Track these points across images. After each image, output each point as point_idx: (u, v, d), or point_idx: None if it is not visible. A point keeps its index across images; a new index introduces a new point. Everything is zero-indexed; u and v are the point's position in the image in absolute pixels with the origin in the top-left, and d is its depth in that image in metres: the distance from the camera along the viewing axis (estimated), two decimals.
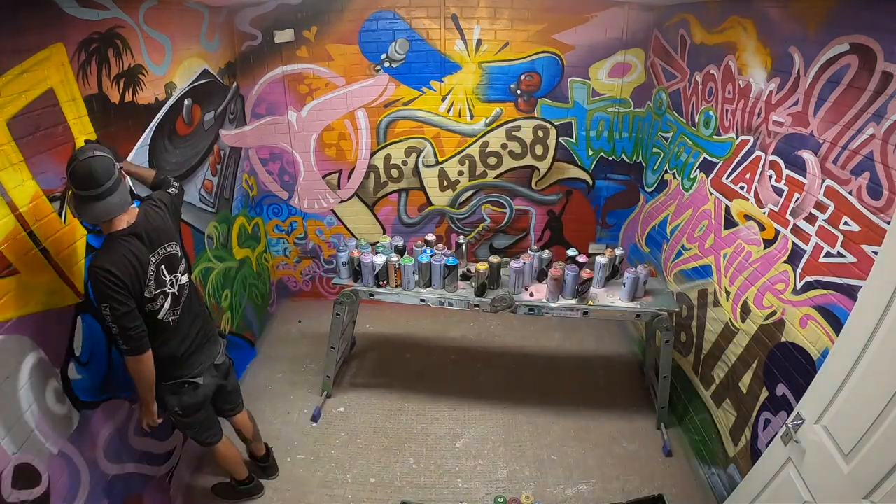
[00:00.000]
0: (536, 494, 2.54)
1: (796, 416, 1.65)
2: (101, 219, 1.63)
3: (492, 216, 3.96)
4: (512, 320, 3.95)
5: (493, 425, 2.99)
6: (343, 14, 3.24)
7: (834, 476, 1.45)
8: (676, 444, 2.85)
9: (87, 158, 1.53)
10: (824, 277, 1.80)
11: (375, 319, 3.97)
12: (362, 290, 2.82)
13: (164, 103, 2.39)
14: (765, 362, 2.12)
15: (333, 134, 3.60)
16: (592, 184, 3.82)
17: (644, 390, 3.26)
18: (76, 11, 1.77)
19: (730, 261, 2.44)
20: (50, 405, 1.63)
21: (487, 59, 3.38)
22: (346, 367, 3.47)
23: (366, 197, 3.86)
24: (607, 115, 3.56)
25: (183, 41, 2.57)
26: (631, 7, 3.24)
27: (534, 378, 3.39)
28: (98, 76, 1.91)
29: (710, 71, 2.64)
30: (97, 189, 1.55)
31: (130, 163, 2.06)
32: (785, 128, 2.05)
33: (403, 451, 2.82)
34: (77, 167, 1.52)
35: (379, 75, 3.42)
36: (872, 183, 1.60)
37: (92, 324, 1.86)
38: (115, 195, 1.60)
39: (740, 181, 2.38)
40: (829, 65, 1.79)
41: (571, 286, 2.64)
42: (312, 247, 4.06)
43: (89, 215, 1.60)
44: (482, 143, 3.65)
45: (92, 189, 1.54)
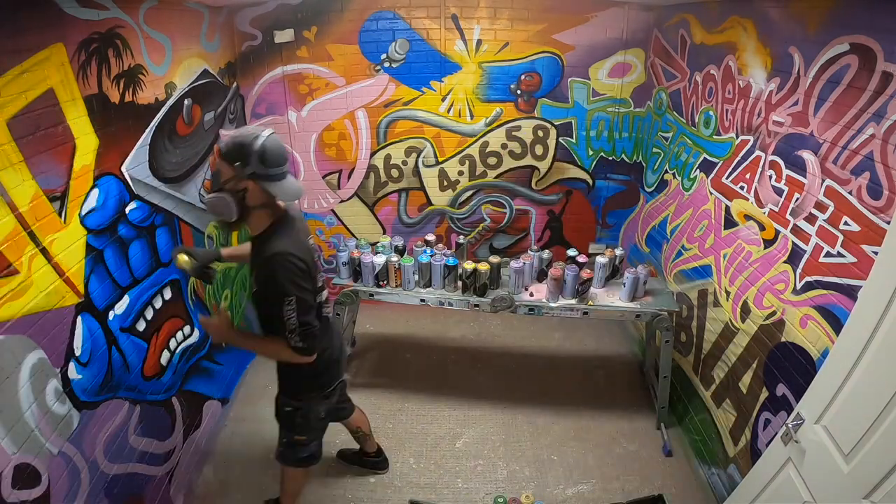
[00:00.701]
0: (536, 494, 2.54)
1: (796, 416, 1.65)
2: (298, 196, 1.57)
3: (492, 216, 3.96)
4: (512, 320, 3.95)
5: (493, 425, 2.99)
6: (343, 14, 3.24)
7: (834, 476, 1.45)
8: (676, 444, 2.85)
9: (272, 134, 1.48)
10: (824, 277, 1.80)
11: (375, 319, 3.97)
12: (362, 290, 2.82)
13: (164, 103, 2.39)
14: (765, 362, 2.12)
15: (333, 134, 3.60)
16: (592, 184, 3.82)
17: (644, 390, 3.26)
18: (76, 11, 1.77)
19: (730, 261, 2.44)
20: (50, 405, 1.63)
21: (487, 59, 3.38)
22: (346, 367, 3.47)
23: (366, 197, 3.86)
24: (607, 115, 3.56)
25: (183, 41, 2.57)
26: (631, 7, 3.24)
27: (534, 378, 3.39)
28: (98, 76, 1.91)
29: (710, 71, 2.65)
30: (286, 165, 1.51)
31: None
32: (785, 128, 2.05)
33: (403, 451, 2.82)
34: (267, 143, 1.45)
35: (379, 75, 3.42)
36: (872, 183, 1.60)
37: (92, 324, 1.86)
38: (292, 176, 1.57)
39: (740, 181, 2.38)
40: (829, 65, 1.79)
41: (571, 286, 2.65)
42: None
43: (291, 192, 1.53)
44: (482, 143, 3.65)
45: (282, 165, 1.50)
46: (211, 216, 2.94)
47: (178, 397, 2.49)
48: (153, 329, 2.27)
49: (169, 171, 2.46)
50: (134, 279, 2.14)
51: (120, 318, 2.03)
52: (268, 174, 1.48)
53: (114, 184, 2.01)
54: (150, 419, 2.22)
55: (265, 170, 1.47)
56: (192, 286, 2.68)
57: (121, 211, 2.06)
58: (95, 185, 1.89)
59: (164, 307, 2.37)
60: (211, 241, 2.94)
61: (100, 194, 1.92)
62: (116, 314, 2.00)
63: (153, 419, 2.26)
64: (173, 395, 2.45)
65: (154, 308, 2.29)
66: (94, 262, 1.88)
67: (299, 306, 1.50)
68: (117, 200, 2.03)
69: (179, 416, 2.49)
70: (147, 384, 2.21)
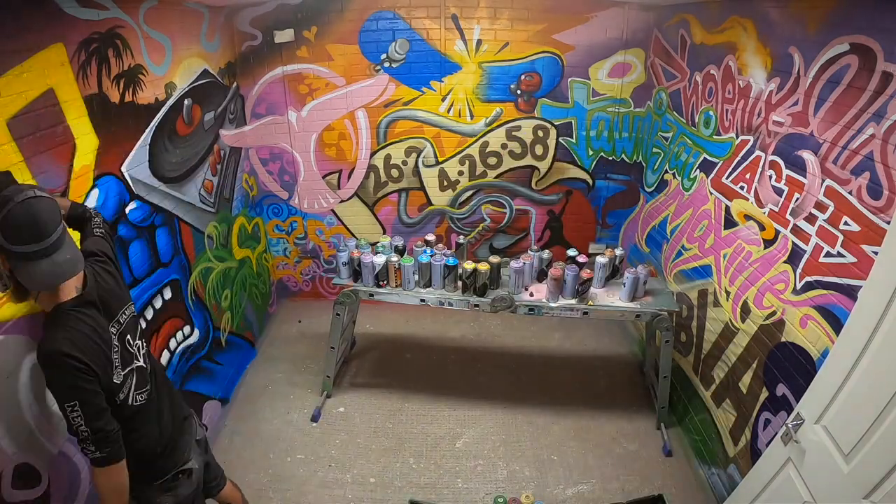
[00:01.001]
0: (536, 494, 2.54)
1: (796, 416, 1.65)
2: (52, 284, 1.23)
3: (492, 216, 3.96)
4: (512, 320, 3.95)
5: (493, 425, 2.99)
6: (343, 14, 3.24)
7: (834, 476, 1.45)
8: (676, 444, 2.85)
9: (28, 199, 1.15)
10: (824, 277, 1.80)
11: (375, 319, 3.97)
12: (362, 290, 2.82)
13: (164, 103, 2.39)
14: (765, 362, 2.12)
15: (333, 134, 3.60)
16: (592, 184, 3.82)
17: (644, 390, 3.26)
18: (76, 11, 1.77)
19: (730, 261, 2.44)
20: (50, 405, 1.63)
21: (487, 59, 3.38)
22: (346, 367, 3.47)
23: (366, 197, 3.86)
24: (607, 115, 3.56)
25: (183, 41, 2.57)
26: (631, 7, 3.24)
27: (534, 378, 3.39)
28: (98, 76, 1.91)
29: (710, 71, 2.64)
30: (44, 241, 1.16)
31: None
32: (785, 128, 2.05)
33: (403, 451, 2.82)
34: (14, 212, 1.12)
35: (379, 75, 3.42)
36: (872, 183, 1.60)
37: None
38: (63, 249, 1.22)
39: (740, 181, 2.38)
40: (829, 65, 1.79)
41: (571, 286, 2.64)
42: (312, 247, 4.06)
43: (38, 278, 1.19)
44: (482, 143, 3.65)
45: (37, 242, 1.15)
46: (211, 216, 2.94)
47: None
48: (153, 329, 2.28)
49: (169, 171, 2.46)
50: (134, 279, 2.14)
51: None
52: (17, 252, 1.16)
53: (114, 184, 2.01)
54: None
55: (13, 245, 1.15)
56: (192, 286, 2.68)
57: (121, 211, 2.06)
58: (95, 185, 1.89)
59: (165, 307, 2.37)
60: (211, 241, 2.95)
61: (100, 194, 1.92)
62: None
63: None
64: None
65: (154, 308, 2.29)
66: None
67: (85, 413, 1.22)
68: (117, 200, 2.03)
69: None
70: None
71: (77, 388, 1.21)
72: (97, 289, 1.35)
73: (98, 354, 1.28)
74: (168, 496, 1.58)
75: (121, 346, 1.38)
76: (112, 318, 1.38)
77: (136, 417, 1.43)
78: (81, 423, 1.22)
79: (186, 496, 1.64)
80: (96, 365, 1.26)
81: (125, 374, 1.37)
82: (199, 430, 1.79)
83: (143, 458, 1.48)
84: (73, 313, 1.26)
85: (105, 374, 1.29)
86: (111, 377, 1.32)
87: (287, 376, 3.40)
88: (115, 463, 1.32)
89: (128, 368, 1.39)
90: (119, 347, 1.37)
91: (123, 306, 1.45)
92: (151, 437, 1.50)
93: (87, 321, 1.28)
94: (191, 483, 1.64)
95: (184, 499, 1.63)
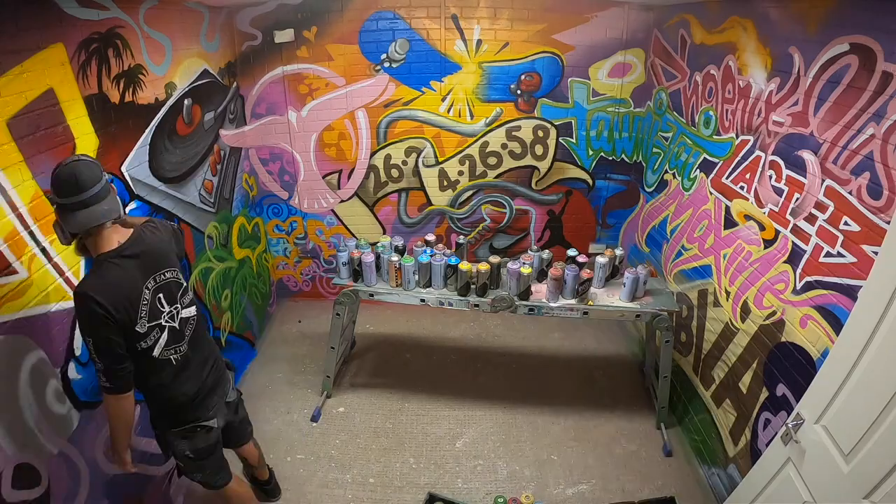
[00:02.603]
0: (536, 494, 2.54)
1: (796, 416, 1.65)
2: (87, 226, 1.41)
3: (492, 216, 3.96)
4: (512, 320, 3.95)
5: (493, 425, 2.99)
6: (343, 14, 3.24)
7: (834, 476, 1.45)
8: (676, 444, 2.85)
9: (71, 162, 1.38)
10: (824, 277, 1.80)
11: (375, 319, 3.97)
12: (362, 290, 2.82)
13: (164, 103, 2.39)
14: (765, 362, 2.12)
15: (333, 134, 3.60)
16: (592, 184, 3.82)
17: (644, 390, 3.26)
18: (76, 11, 1.78)
19: (730, 261, 2.44)
20: (50, 405, 1.63)
21: (487, 59, 3.38)
22: (346, 367, 3.47)
23: (366, 197, 3.86)
24: (607, 115, 3.56)
25: (183, 41, 2.57)
26: (631, 7, 3.24)
27: (534, 378, 3.39)
28: (98, 76, 1.91)
29: (710, 71, 2.64)
30: (82, 194, 1.37)
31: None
32: (785, 128, 2.05)
33: (403, 451, 2.82)
34: (60, 171, 1.37)
35: (379, 75, 3.42)
36: (872, 183, 1.60)
37: None
38: (102, 203, 1.42)
39: (740, 181, 2.38)
40: (829, 65, 1.79)
41: (571, 286, 2.64)
42: (312, 247, 4.06)
43: (75, 224, 1.39)
44: (482, 143, 3.65)
45: (76, 195, 1.36)
46: (211, 216, 2.94)
47: None
48: None
49: (169, 171, 2.46)
50: None
51: None
52: (61, 204, 1.38)
53: (114, 184, 2.01)
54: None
55: (59, 198, 1.38)
56: (192, 286, 2.68)
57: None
58: None
59: None
60: (211, 241, 2.95)
61: None
62: None
63: None
64: None
65: None
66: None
67: (97, 350, 1.42)
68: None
69: None
70: None
71: (93, 327, 1.40)
72: (140, 244, 1.53)
73: (123, 302, 1.44)
74: (184, 442, 1.75)
75: (151, 300, 1.53)
76: (150, 274, 1.54)
77: (164, 370, 1.61)
78: (95, 357, 1.42)
79: (203, 449, 1.80)
80: (117, 311, 1.42)
81: (151, 326, 1.52)
82: (231, 393, 1.97)
83: (167, 407, 1.67)
84: (109, 262, 1.45)
85: (128, 321, 1.45)
86: (134, 325, 1.48)
87: (287, 376, 3.40)
88: (121, 394, 1.50)
89: (154, 322, 1.54)
90: (149, 301, 1.52)
91: (165, 268, 1.60)
92: (178, 391, 1.67)
93: (119, 271, 1.46)
94: (208, 438, 1.80)
95: (200, 450, 1.79)
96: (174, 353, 1.63)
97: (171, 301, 1.62)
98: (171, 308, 1.62)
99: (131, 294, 1.48)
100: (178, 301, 1.65)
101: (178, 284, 1.67)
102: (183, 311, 1.68)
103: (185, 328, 1.68)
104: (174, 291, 1.64)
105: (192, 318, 1.72)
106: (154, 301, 1.55)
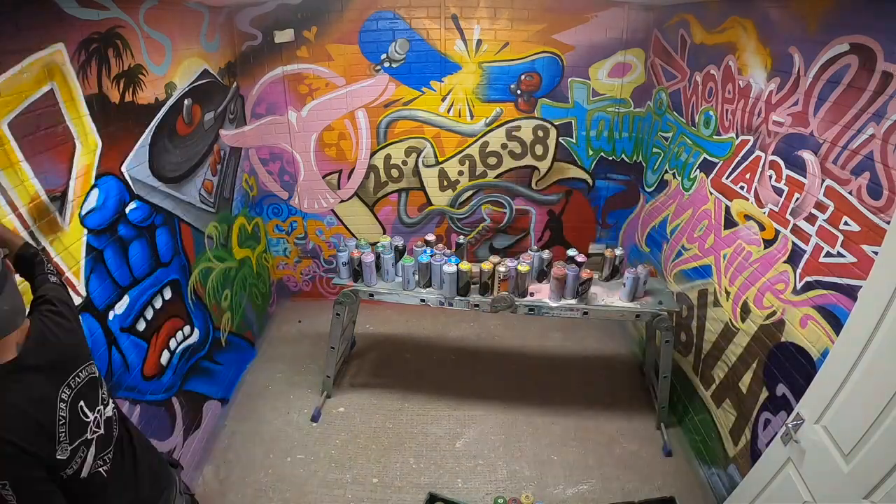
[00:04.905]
0: (536, 494, 2.54)
1: (796, 416, 1.65)
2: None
3: (492, 216, 3.96)
4: (512, 320, 3.95)
5: (493, 425, 2.99)
6: (343, 14, 3.24)
7: (834, 476, 1.45)
8: (676, 444, 2.85)
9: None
10: (824, 277, 1.80)
11: (375, 319, 3.97)
12: (362, 290, 2.82)
13: (164, 103, 2.39)
14: (765, 362, 2.12)
15: (333, 134, 3.60)
16: (592, 184, 3.82)
17: (644, 390, 3.26)
18: (76, 11, 1.77)
19: (730, 261, 2.44)
20: None
21: (487, 59, 3.38)
22: (346, 367, 3.47)
23: (366, 197, 3.86)
24: (607, 115, 3.56)
25: (183, 41, 2.57)
26: (631, 7, 3.24)
27: (534, 378, 3.39)
28: (98, 76, 1.91)
29: (710, 71, 2.64)
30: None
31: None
32: (785, 128, 2.05)
33: (403, 451, 2.82)
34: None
35: (379, 75, 3.42)
36: (872, 183, 1.60)
37: (92, 324, 1.86)
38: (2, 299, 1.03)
39: (740, 181, 2.38)
40: (829, 65, 1.79)
41: (572, 286, 2.65)
42: (312, 247, 4.06)
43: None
44: (482, 143, 3.65)
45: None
46: (211, 216, 2.94)
47: (178, 397, 2.49)
48: (153, 329, 2.28)
49: (169, 170, 2.46)
50: (134, 279, 2.14)
51: (120, 318, 2.03)
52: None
53: (114, 184, 2.01)
54: (149, 419, 2.22)
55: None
56: (192, 286, 2.68)
57: (121, 211, 2.06)
58: (95, 184, 1.89)
59: (164, 307, 2.37)
60: (211, 241, 2.95)
61: (100, 194, 1.92)
62: (116, 314, 2.00)
63: (153, 419, 2.25)
64: (173, 395, 2.45)
65: (154, 308, 2.29)
66: (93, 262, 1.88)
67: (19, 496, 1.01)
68: (117, 200, 2.03)
69: (179, 416, 2.49)
70: (147, 384, 2.21)
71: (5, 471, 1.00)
72: (43, 348, 1.11)
73: (35, 432, 1.05)
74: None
75: (69, 416, 1.12)
76: (63, 380, 1.14)
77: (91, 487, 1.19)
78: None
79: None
80: (31, 444, 1.03)
81: (74, 447, 1.13)
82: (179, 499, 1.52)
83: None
84: (6, 382, 1.03)
85: (46, 452, 1.07)
86: (54, 454, 1.08)
87: (287, 376, 3.40)
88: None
89: (78, 441, 1.14)
90: (66, 419, 1.11)
91: (79, 366, 1.19)
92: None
93: (23, 391, 1.05)
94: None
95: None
96: (103, 463, 1.22)
97: (93, 405, 1.21)
98: (94, 414, 1.21)
99: (44, 417, 1.07)
100: (100, 401, 1.24)
101: (96, 380, 1.25)
102: (106, 410, 1.27)
103: (111, 430, 1.28)
104: (95, 390, 1.24)
105: (114, 413, 1.32)
106: (74, 414, 1.14)
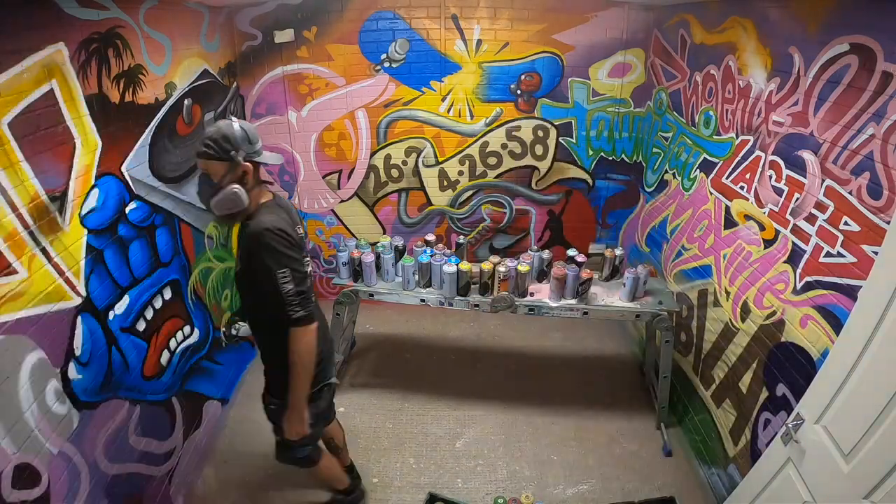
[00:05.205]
0: (536, 494, 2.54)
1: (796, 416, 1.65)
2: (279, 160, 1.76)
3: (492, 216, 3.96)
4: (512, 320, 3.95)
5: (493, 425, 2.99)
6: (343, 14, 3.24)
7: (834, 476, 1.45)
8: (676, 444, 2.85)
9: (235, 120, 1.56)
10: (824, 277, 1.80)
11: (375, 319, 3.97)
12: (362, 290, 2.82)
13: (164, 103, 2.39)
14: (765, 362, 2.12)
15: (333, 134, 3.60)
16: (592, 184, 3.82)
17: (644, 390, 3.26)
18: (76, 11, 1.77)
19: (730, 261, 2.44)
20: (50, 405, 1.63)
21: (487, 59, 3.38)
22: (346, 367, 3.47)
23: (366, 197, 3.86)
24: (607, 115, 3.56)
25: (183, 41, 2.57)
26: (631, 7, 3.24)
27: (534, 378, 3.39)
28: (98, 76, 1.91)
29: (710, 71, 2.65)
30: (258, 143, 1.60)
31: None
32: (785, 128, 2.05)
33: (403, 451, 2.82)
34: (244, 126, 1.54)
35: (379, 75, 3.42)
36: (872, 183, 1.60)
37: (92, 324, 1.85)
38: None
39: (740, 181, 2.38)
40: (829, 65, 1.79)
41: (572, 286, 2.65)
42: (312, 247, 4.06)
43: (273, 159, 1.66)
44: (482, 143, 3.65)
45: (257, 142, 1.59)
46: (211, 216, 2.94)
47: (178, 397, 2.49)
48: (153, 329, 2.27)
49: (169, 170, 2.46)
50: (134, 279, 2.14)
51: (120, 318, 2.03)
52: (255, 150, 1.59)
53: (114, 184, 2.01)
54: (150, 419, 2.22)
55: (253, 147, 1.58)
56: (193, 286, 2.68)
57: (121, 211, 2.05)
58: (95, 185, 1.89)
59: (164, 307, 2.37)
60: (211, 241, 2.94)
61: (100, 194, 1.91)
62: (116, 314, 2.00)
63: (153, 419, 2.26)
64: (173, 396, 2.45)
65: (154, 308, 2.29)
66: (94, 262, 1.88)
67: (294, 276, 1.54)
68: (117, 200, 2.03)
69: (179, 416, 2.49)
70: (147, 384, 2.22)
71: (290, 257, 1.53)
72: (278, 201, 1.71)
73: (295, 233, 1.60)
74: (311, 406, 1.77)
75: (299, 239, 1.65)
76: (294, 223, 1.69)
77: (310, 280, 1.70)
78: (291, 287, 1.53)
79: (322, 411, 1.87)
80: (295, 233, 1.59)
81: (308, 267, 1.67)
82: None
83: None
84: (273, 206, 1.64)
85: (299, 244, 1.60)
86: (302, 262, 1.61)
87: None
88: (313, 323, 1.61)
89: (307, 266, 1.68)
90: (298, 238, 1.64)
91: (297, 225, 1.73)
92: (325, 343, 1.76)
93: (281, 213, 1.63)
94: (327, 399, 1.89)
95: (320, 411, 1.86)
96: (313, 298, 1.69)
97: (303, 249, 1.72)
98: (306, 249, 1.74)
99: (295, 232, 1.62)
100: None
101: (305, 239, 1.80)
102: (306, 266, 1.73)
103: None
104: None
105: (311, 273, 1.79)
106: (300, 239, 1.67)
